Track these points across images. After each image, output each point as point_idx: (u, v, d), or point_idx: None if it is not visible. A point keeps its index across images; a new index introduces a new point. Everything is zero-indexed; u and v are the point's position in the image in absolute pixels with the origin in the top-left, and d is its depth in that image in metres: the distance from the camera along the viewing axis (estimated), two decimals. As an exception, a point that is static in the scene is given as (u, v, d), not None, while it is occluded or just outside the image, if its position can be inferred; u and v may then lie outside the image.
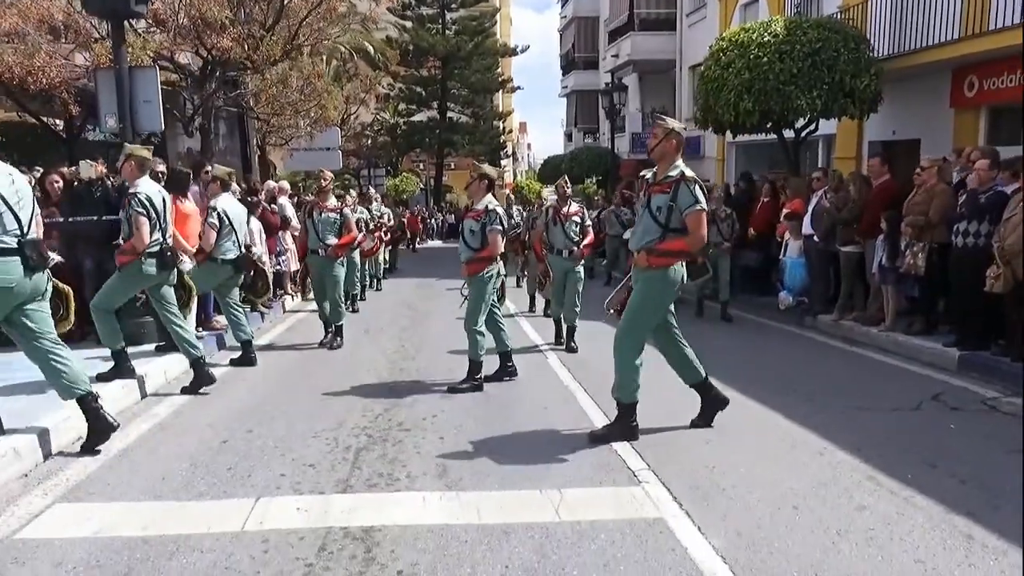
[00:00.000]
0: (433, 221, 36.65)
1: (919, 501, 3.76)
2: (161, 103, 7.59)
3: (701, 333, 8.79)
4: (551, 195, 8.22)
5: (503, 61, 42.51)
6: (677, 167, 4.60)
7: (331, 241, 7.85)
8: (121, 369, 5.81)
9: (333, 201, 8.08)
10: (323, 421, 5.22)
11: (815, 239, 8.91)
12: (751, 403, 5.63)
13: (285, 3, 11.56)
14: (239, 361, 7.04)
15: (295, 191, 15.41)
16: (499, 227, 6.01)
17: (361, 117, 28.84)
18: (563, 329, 7.91)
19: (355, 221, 9.22)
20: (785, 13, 15.34)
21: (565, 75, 34.76)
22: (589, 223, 8.14)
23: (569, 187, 8.03)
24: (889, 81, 11.72)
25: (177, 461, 4.43)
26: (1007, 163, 6.71)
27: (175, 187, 7.44)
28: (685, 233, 4.55)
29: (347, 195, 11.29)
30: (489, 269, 6.05)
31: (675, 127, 4.66)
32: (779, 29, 11.37)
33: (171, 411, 5.54)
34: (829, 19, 12.60)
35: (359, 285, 11.62)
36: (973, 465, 4.28)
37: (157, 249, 5.77)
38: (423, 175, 43.59)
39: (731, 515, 3.61)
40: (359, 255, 10.89)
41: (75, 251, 7.28)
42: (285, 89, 12.68)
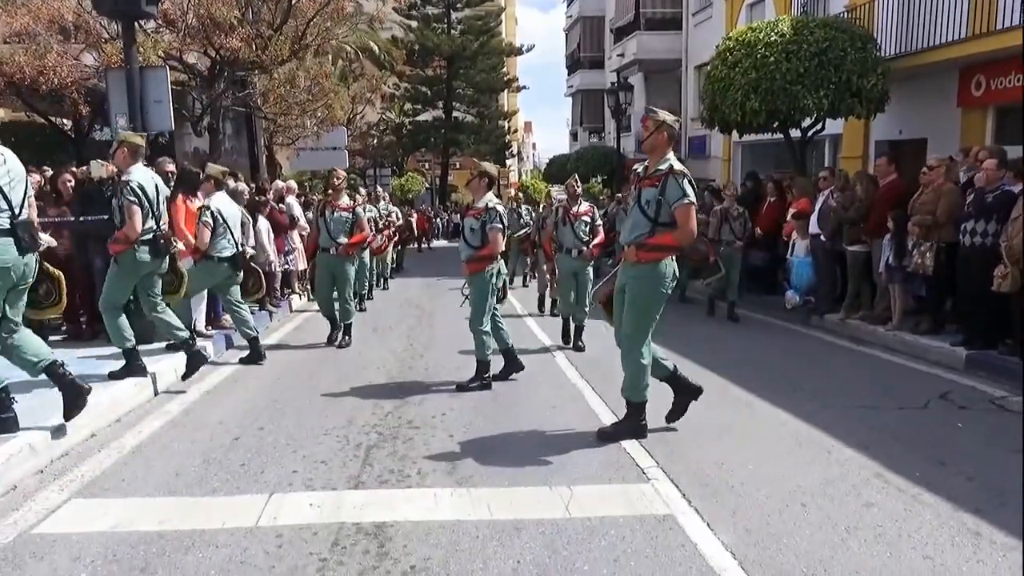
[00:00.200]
0: (438, 221, 36.72)
1: (927, 498, 3.78)
2: (171, 103, 7.64)
3: (708, 332, 8.84)
4: (560, 194, 8.21)
5: (508, 61, 42.61)
6: (667, 160, 4.54)
7: (342, 240, 7.90)
8: (132, 368, 5.85)
9: (346, 200, 8.09)
10: (333, 419, 5.26)
11: (822, 238, 8.92)
12: (758, 401, 5.65)
13: (293, 3, 11.61)
14: (248, 359, 7.09)
15: (301, 191, 15.47)
16: (499, 225, 5.98)
17: (367, 117, 28.93)
18: (571, 328, 7.93)
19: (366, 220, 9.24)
20: (792, 13, 15.33)
21: (571, 75, 34.79)
22: (600, 223, 8.11)
23: (579, 186, 8.02)
24: (896, 81, 11.72)
25: (190, 457, 4.48)
26: (1012, 163, 6.72)
27: (186, 186, 7.52)
28: (674, 227, 4.50)
29: (356, 194, 11.33)
30: (490, 268, 6.04)
31: (667, 119, 4.59)
32: (786, 29, 11.39)
33: (182, 409, 5.59)
34: (836, 19, 12.60)
35: (367, 284, 11.67)
36: (980, 463, 4.30)
37: (150, 237, 5.78)
38: (428, 175, 43.67)
39: (740, 512, 3.64)
40: (368, 254, 10.93)
41: (85, 250, 7.34)
42: (293, 89, 12.74)
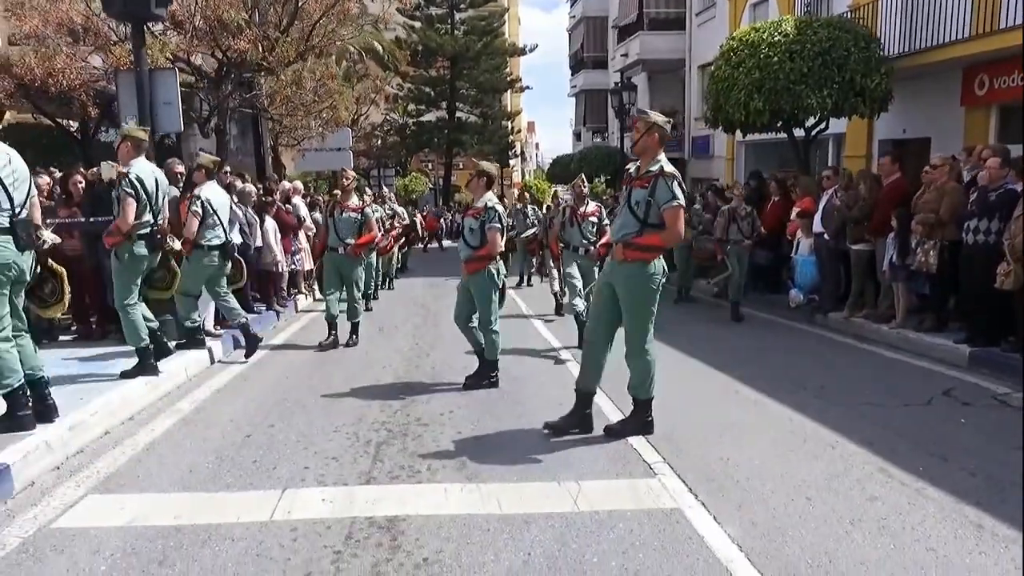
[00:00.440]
0: (442, 221, 36.74)
1: (930, 492, 3.83)
2: (180, 105, 7.71)
3: (712, 331, 8.88)
4: (567, 195, 8.25)
5: (511, 61, 42.65)
6: (658, 162, 4.56)
7: (351, 241, 7.92)
8: (144, 366, 5.92)
9: (355, 201, 8.12)
10: (342, 416, 5.33)
11: (825, 237, 8.97)
12: (763, 399, 5.71)
13: (300, 5, 11.68)
14: (248, 346, 7.13)
15: (306, 191, 15.54)
16: (498, 225, 5.97)
17: (371, 117, 29.02)
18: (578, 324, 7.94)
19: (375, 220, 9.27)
20: (795, 12, 15.39)
21: (574, 75, 34.81)
22: (607, 223, 8.10)
23: (586, 186, 8.04)
24: (899, 80, 11.76)
25: (203, 455, 4.55)
26: (1015, 162, 6.76)
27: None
28: (663, 228, 4.52)
29: (364, 195, 11.39)
30: (490, 267, 6.03)
31: (658, 121, 4.59)
32: (789, 28, 11.45)
33: (193, 407, 5.66)
34: (839, 18, 12.65)
35: (373, 284, 11.73)
36: (983, 458, 4.35)
37: (148, 231, 5.84)
38: (432, 175, 43.76)
39: (746, 506, 3.69)
40: (374, 254, 10.98)
41: (95, 251, 7.41)
42: (299, 90, 12.80)
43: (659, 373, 4.84)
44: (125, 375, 5.86)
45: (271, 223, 9.68)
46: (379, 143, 34.57)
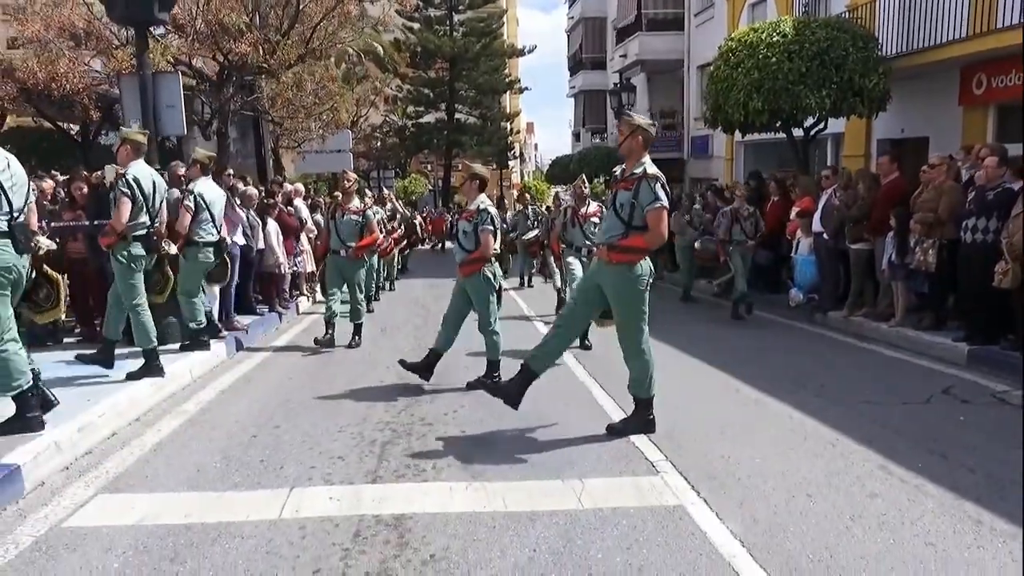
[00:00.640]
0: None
1: (930, 489, 3.89)
2: (183, 108, 7.76)
3: (712, 331, 8.93)
4: (568, 196, 8.29)
5: (510, 62, 42.61)
6: (642, 164, 4.60)
7: (352, 243, 7.95)
8: (151, 368, 5.97)
9: (356, 203, 8.16)
10: (347, 417, 5.37)
11: (825, 237, 9.02)
12: (764, 397, 5.76)
13: (300, 8, 11.73)
14: (193, 346, 7.07)
15: (307, 193, 15.59)
16: (491, 227, 6.03)
17: (370, 119, 29.08)
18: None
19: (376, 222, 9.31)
20: (793, 13, 15.45)
21: (573, 75, 34.87)
22: None
23: (587, 187, 8.07)
24: (897, 80, 11.83)
25: (210, 455, 4.59)
26: (1012, 161, 6.81)
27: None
28: (647, 230, 4.56)
29: (364, 197, 11.43)
30: (485, 269, 6.08)
31: (642, 123, 4.64)
32: (788, 29, 11.51)
33: (199, 408, 5.70)
34: (837, 19, 12.72)
35: (374, 286, 11.78)
36: (982, 455, 4.40)
37: (143, 233, 5.89)
38: (431, 176, 43.78)
39: (747, 502, 3.74)
40: (376, 256, 11.03)
41: (100, 254, 7.45)
42: (300, 93, 12.86)
43: (661, 372, 4.90)
44: (131, 376, 5.91)
45: (273, 225, 9.72)
46: (379, 145, 34.62)
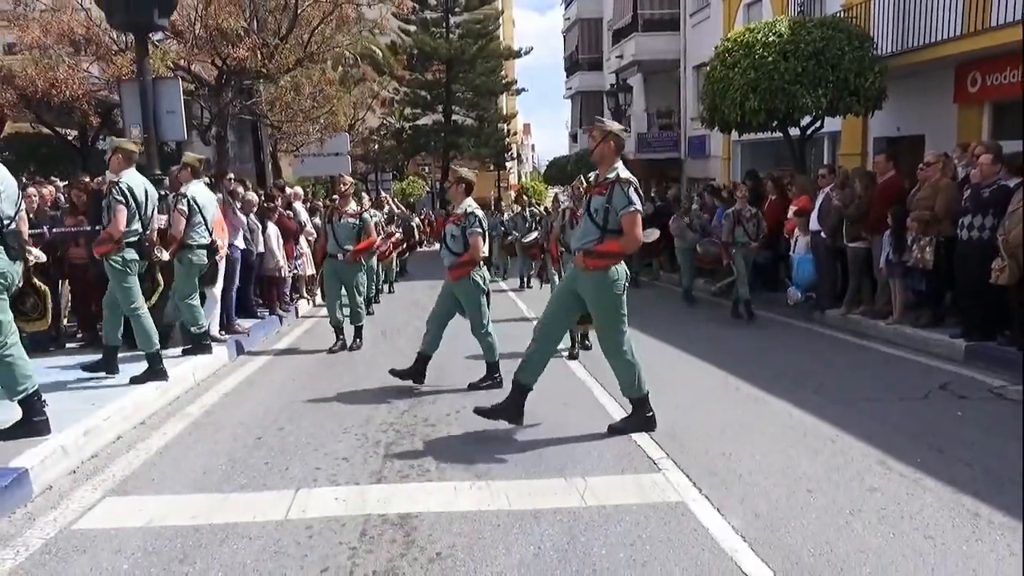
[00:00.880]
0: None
1: (928, 483, 3.93)
2: (184, 113, 7.80)
3: (712, 330, 8.98)
4: (566, 197, 8.31)
5: (506, 63, 42.66)
6: (614, 169, 4.70)
7: (349, 247, 7.97)
8: (155, 371, 6.01)
9: (353, 206, 8.19)
10: (351, 418, 5.42)
11: (822, 235, 9.07)
12: (763, 395, 5.81)
13: (299, 12, 11.77)
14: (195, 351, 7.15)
15: (306, 196, 15.61)
16: (479, 230, 6.07)
17: (368, 122, 29.08)
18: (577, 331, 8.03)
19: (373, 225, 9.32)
20: (789, 13, 15.50)
21: (569, 76, 34.92)
22: None
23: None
24: (893, 78, 11.87)
25: (215, 457, 4.63)
26: (1010, 158, 6.86)
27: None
28: (622, 234, 4.64)
29: (362, 199, 11.47)
30: (474, 273, 6.11)
31: (613, 129, 4.74)
32: (783, 29, 11.56)
33: (203, 411, 5.75)
34: (833, 18, 12.76)
35: (374, 288, 11.82)
36: (980, 449, 4.45)
37: (136, 239, 5.94)
38: (429, 178, 43.79)
39: (748, 498, 3.79)
40: (375, 259, 11.06)
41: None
42: (298, 96, 12.89)
43: (661, 371, 4.96)
44: (135, 380, 5.95)
45: (273, 229, 9.77)
46: (376, 147, 34.62)
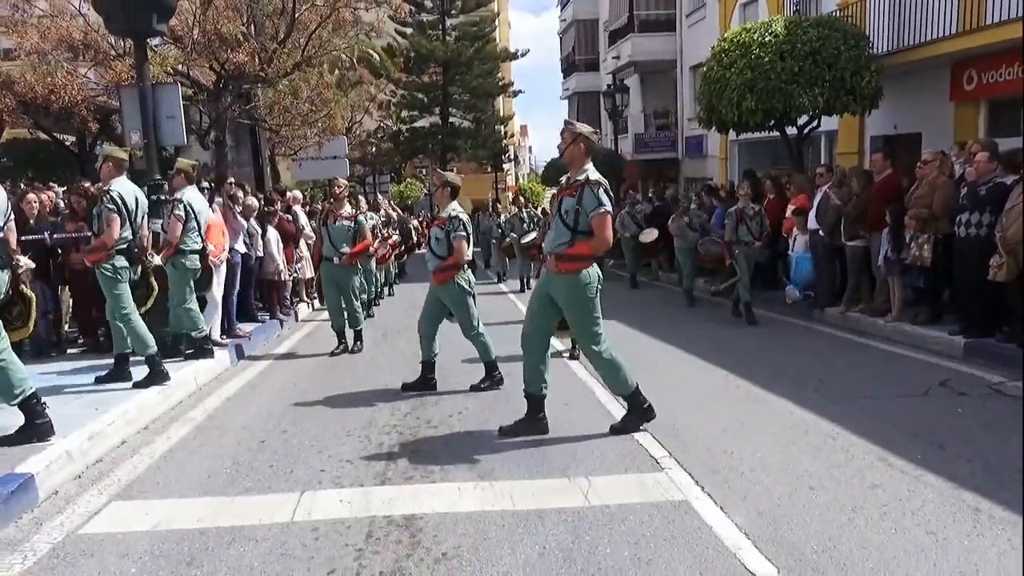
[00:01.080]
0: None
1: (929, 479, 3.96)
2: (183, 118, 7.81)
3: (712, 330, 9.01)
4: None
5: (503, 65, 42.69)
6: (585, 171, 4.73)
7: (345, 250, 7.98)
8: (156, 375, 6.03)
9: (348, 209, 8.19)
10: (354, 421, 5.44)
11: (821, 234, 9.10)
12: (764, 393, 5.83)
13: (296, 17, 11.79)
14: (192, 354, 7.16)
15: (304, 200, 15.62)
16: (463, 233, 6.08)
17: (365, 125, 29.11)
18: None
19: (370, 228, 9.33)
20: (785, 12, 15.55)
21: (566, 77, 34.95)
22: None
23: None
24: (889, 77, 11.91)
25: (219, 460, 4.65)
26: (1006, 156, 6.90)
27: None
28: (592, 236, 4.66)
29: (358, 202, 11.47)
30: (459, 277, 6.13)
31: (583, 131, 4.77)
32: (779, 29, 11.60)
33: (206, 415, 5.77)
34: (828, 17, 12.79)
35: (374, 291, 11.82)
36: (980, 445, 4.48)
37: (126, 246, 5.96)
38: (427, 180, 43.79)
39: (751, 496, 3.82)
40: (373, 262, 11.07)
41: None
42: (296, 100, 12.91)
43: (662, 372, 5.00)
44: (138, 385, 5.97)
45: (273, 233, 9.79)
46: (373, 150, 34.65)
